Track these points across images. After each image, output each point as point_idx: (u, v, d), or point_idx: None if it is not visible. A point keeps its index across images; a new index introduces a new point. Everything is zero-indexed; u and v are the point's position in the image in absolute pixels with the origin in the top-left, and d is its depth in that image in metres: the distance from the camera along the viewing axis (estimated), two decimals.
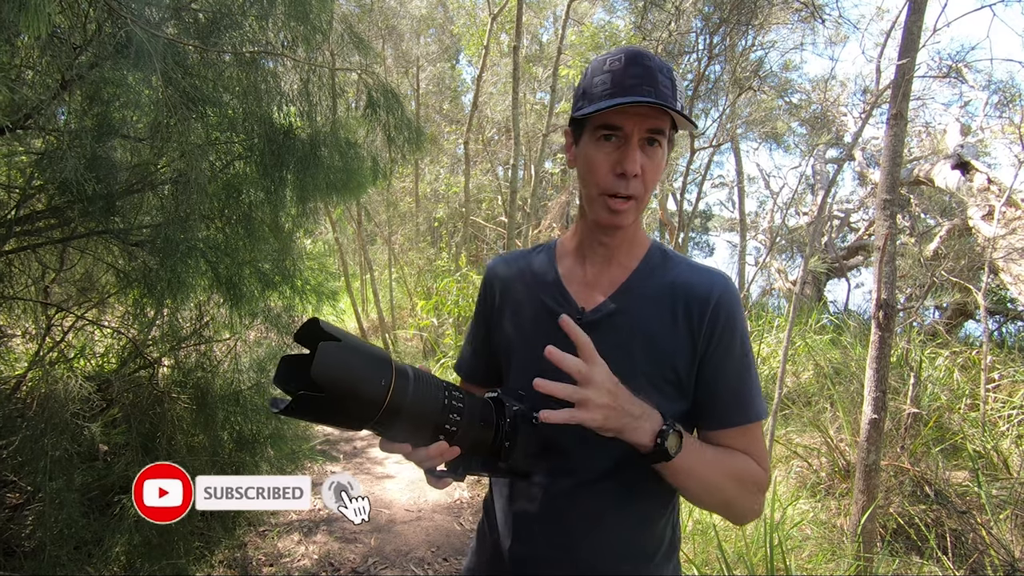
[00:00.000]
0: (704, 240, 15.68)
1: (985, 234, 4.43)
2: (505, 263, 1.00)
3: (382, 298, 8.03)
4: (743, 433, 0.85)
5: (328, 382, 0.62)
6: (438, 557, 2.78)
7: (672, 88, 0.80)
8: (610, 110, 0.78)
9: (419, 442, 0.73)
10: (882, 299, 2.19)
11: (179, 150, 1.78)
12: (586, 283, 0.90)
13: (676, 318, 0.84)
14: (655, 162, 0.81)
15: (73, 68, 1.64)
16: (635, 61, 0.79)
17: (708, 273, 0.87)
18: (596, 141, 0.82)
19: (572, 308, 0.88)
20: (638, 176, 0.80)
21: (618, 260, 0.90)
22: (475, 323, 1.05)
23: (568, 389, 0.71)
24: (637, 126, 0.79)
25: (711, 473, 0.81)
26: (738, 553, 2.30)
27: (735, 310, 0.84)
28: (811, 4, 5.19)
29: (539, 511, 0.89)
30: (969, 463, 2.98)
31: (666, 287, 0.86)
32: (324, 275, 3.11)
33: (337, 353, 0.63)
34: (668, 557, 0.91)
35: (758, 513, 0.87)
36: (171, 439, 2.13)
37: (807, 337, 5.20)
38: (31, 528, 1.94)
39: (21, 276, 2.12)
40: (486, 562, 0.97)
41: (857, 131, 4.04)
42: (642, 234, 0.92)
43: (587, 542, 0.87)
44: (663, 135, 0.81)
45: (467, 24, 8.35)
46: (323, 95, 2.41)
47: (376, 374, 0.66)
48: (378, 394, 0.65)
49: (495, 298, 0.99)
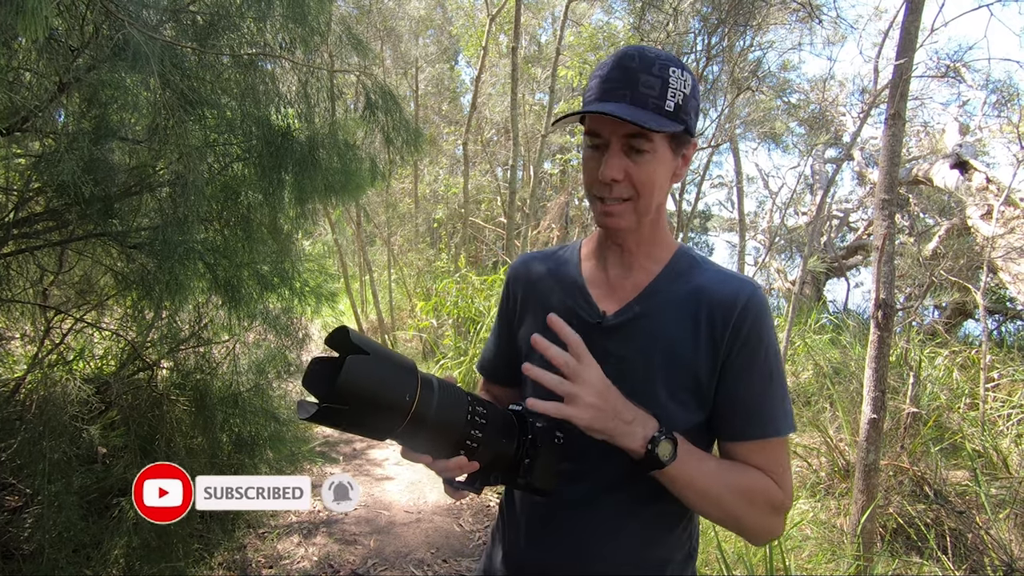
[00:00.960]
0: (703, 240, 15.67)
1: (984, 233, 4.44)
2: (528, 263, 0.98)
3: (381, 299, 8.03)
4: (761, 448, 0.81)
5: (353, 396, 0.63)
6: (438, 559, 2.78)
7: (661, 87, 0.75)
8: (593, 116, 0.78)
9: (440, 454, 0.74)
10: (881, 299, 2.19)
11: (177, 152, 1.78)
12: (609, 286, 0.88)
13: (699, 325, 0.81)
14: (643, 168, 0.78)
15: (71, 70, 1.64)
16: (618, 64, 0.77)
17: (736, 280, 0.83)
18: (587, 147, 0.82)
19: (593, 311, 0.86)
20: (619, 181, 0.78)
21: (640, 263, 0.87)
22: (498, 323, 1.04)
23: (555, 380, 0.70)
24: (615, 134, 0.77)
25: (712, 485, 0.78)
26: (737, 553, 2.30)
27: (762, 319, 0.80)
28: (809, 4, 5.19)
29: (554, 515, 0.87)
30: (968, 462, 2.98)
31: (691, 293, 0.83)
32: (323, 276, 3.11)
33: (363, 368, 0.64)
34: (685, 566, 0.89)
35: (775, 533, 0.84)
36: (170, 441, 2.13)
37: (806, 337, 5.20)
38: (30, 531, 1.94)
39: (19, 279, 2.12)
40: (499, 565, 0.96)
41: (856, 131, 4.05)
42: (666, 237, 0.89)
43: (603, 549, 0.85)
44: (647, 140, 0.77)
45: (465, 25, 8.36)
46: (321, 97, 2.42)
47: (401, 388, 0.66)
48: (402, 408, 0.66)
49: (517, 298, 0.97)
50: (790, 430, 0.82)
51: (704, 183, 10.20)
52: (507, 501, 0.98)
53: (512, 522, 0.94)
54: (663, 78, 0.76)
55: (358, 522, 3.09)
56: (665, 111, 0.76)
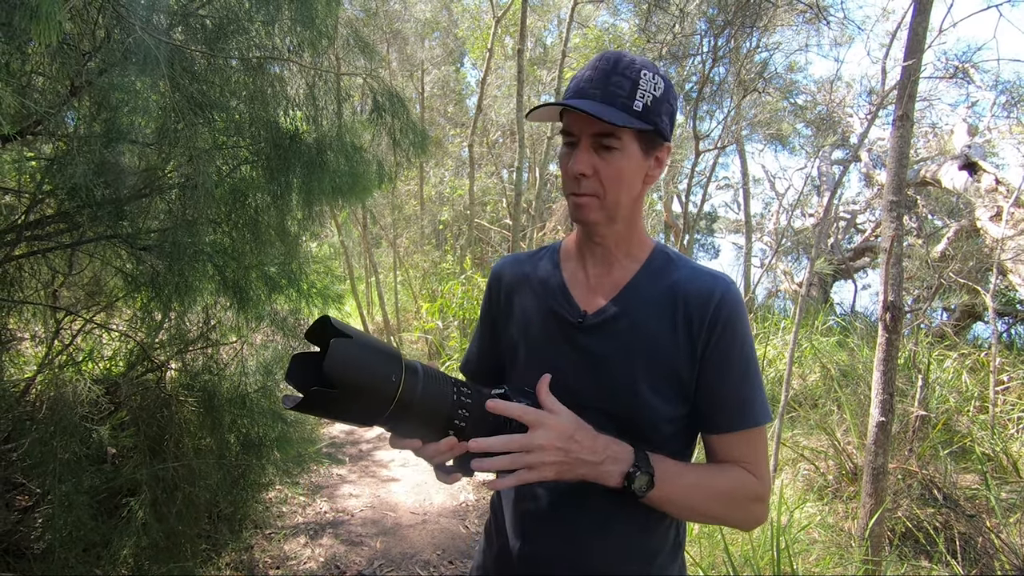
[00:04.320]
0: (710, 242, 15.60)
1: (993, 235, 4.40)
2: (510, 265, 1.01)
3: (387, 301, 8.05)
4: (742, 439, 0.84)
5: (340, 378, 0.63)
6: (444, 560, 2.78)
7: (630, 87, 0.78)
8: (565, 114, 0.82)
9: (429, 437, 0.74)
10: (889, 301, 2.18)
11: (186, 155, 1.79)
12: (589, 286, 0.90)
13: (676, 321, 0.84)
14: (611, 164, 0.80)
15: (82, 74, 1.66)
16: (594, 64, 0.81)
17: (710, 276, 0.86)
18: (562, 145, 0.85)
19: (574, 311, 0.89)
20: (588, 176, 0.81)
21: (619, 262, 0.90)
22: (481, 324, 1.06)
23: (506, 460, 0.72)
24: (584, 131, 0.80)
25: (692, 497, 0.82)
26: (745, 556, 2.29)
27: (736, 313, 0.83)
28: (816, 6, 5.17)
29: (546, 511, 0.89)
30: (978, 466, 2.96)
31: (668, 289, 0.85)
32: (330, 278, 3.12)
33: (349, 349, 0.64)
34: (674, 556, 0.92)
35: (760, 520, 0.87)
36: (178, 442, 2.14)
37: (813, 339, 5.17)
38: (40, 530, 1.96)
39: (31, 280, 2.15)
40: (493, 561, 0.98)
41: (863, 132, 4.03)
42: (643, 236, 0.91)
43: (593, 542, 0.87)
44: (614, 138, 0.79)
45: (471, 27, 8.38)
46: (329, 99, 2.43)
47: (387, 370, 0.67)
48: (389, 389, 0.66)
49: (500, 301, 1.00)
50: (767, 419, 0.85)
51: (710, 185, 10.17)
52: (498, 497, 1.00)
53: (504, 518, 0.96)
54: (633, 79, 0.79)
55: (364, 523, 3.09)
56: (633, 110, 0.78)
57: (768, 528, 2.30)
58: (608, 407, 0.85)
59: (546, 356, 0.90)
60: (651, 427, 0.84)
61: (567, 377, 0.86)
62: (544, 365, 0.89)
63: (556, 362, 0.88)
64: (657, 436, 0.85)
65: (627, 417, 0.84)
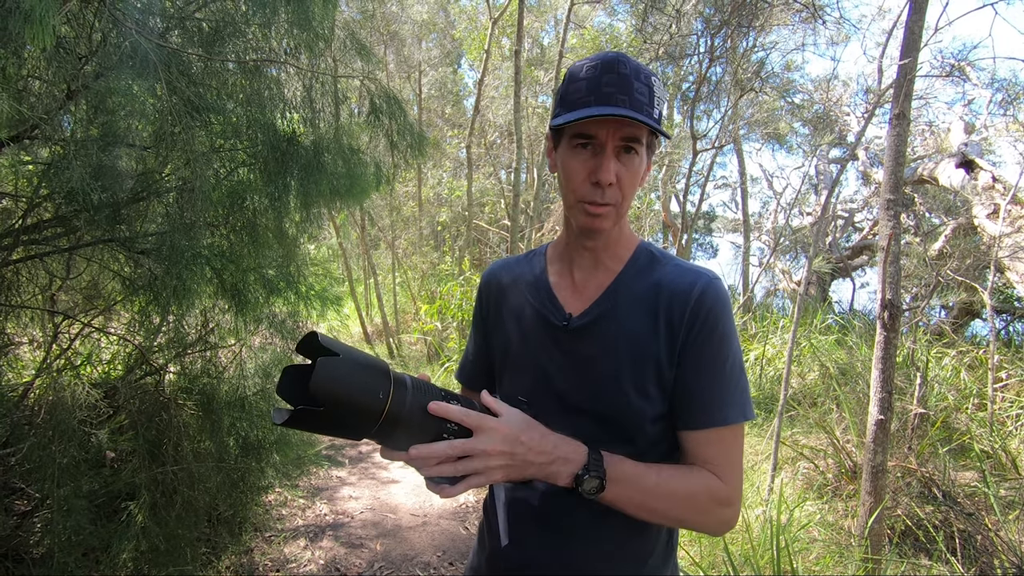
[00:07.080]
0: (708, 241, 15.64)
1: (990, 232, 4.42)
2: (498, 270, 1.02)
3: (386, 302, 8.04)
4: (711, 437, 0.82)
5: (326, 397, 0.63)
6: (444, 562, 2.78)
7: (649, 95, 0.78)
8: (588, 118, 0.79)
9: None
10: (887, 299, 2.18)
11: (184, 158, 1.79)
12: (574, 288, 0.91)
13: (658, 318, 0.83)
14: (631, 170, 0.81)
15: (79, 78, 1.66)
16: (610, 68, 0.78)
17: (693, 272, 0.85)
18: (573, 149, 0.82)
19: (560, 314, 0.89)
20: (613, 184, 0.80)
21: (604, 263, 0.90)
22: (474, 331, 1.07)
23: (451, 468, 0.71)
24: (611, 135, 0.79)
25: (651, 502, 0.80)
26: (744, 555, 2.30)
27: (717, 308, 0.82)
28: (812, 5, 5.19)
29: (537, 513, 0.89)
30: (977, 463, 2.96)
31: (651, 287, 0.85)
32: (328, 280, 3.12)
33: (335, 368, 0.64)
34: (666, 558, 0.91)
35: (729, 524, 0.84)
36: (177, 445, 2.14)
37: (812, 338, 5.18)
38: (40, 535, 1.95)
39: (28, 284, 2.14)
40: (486, 563, 0.99)
41: (860, 131, 4.04)
42: (628, 235, 0.91)
43: (585, 544, 0.87)
44: (639, 143, 0.79)
45: (468, 29, 8.39)
46: (326, 101, 2.43)
47: (374, 387, 0.66)
48: (376, 406, 0.66)
49: (490, 305, 1.00)
50: (742, 419, 0.82)
51: (708, 184, 10.19)
52: (491, 499, 1.00)
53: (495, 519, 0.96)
54: (649, 87, 0.79)
55: (364, 526, 3.09)
56: (654, 118, 0.79)
57: (768, 527, 2.30)
58: (595, 409, 0.85)
59: (533, 359, 0.90)
60: (638, 428, 0.84)
61: (554, 379, 0.87)
62: (532, 368, 0.89)
63: (543, 365, 0.88)
64: (644, 436, 0.84)
65: (614, 418, 0.84)
